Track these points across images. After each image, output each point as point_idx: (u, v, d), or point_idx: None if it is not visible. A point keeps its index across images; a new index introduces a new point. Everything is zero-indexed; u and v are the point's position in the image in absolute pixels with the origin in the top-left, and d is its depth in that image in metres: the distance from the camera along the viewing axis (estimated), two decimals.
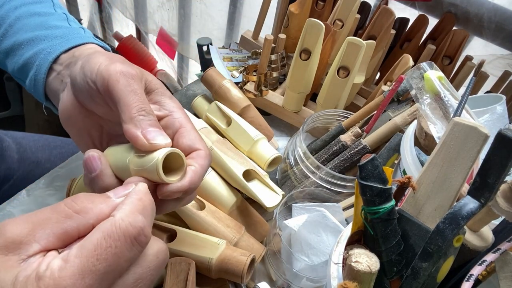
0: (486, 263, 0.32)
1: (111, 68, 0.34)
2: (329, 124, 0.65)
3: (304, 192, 0.56)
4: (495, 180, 0.29)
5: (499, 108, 0.49)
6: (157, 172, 0.31)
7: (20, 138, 0.74)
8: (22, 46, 0.43)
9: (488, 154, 0.29)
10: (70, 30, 0.45)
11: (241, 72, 0.73)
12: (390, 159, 0.53)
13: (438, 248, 0.30)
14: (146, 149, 0.32)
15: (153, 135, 0.32)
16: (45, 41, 0.43)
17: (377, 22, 0.70)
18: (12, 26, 0.44)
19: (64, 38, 0.43)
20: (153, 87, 0.37)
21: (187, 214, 0.48)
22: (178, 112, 0.37)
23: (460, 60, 0.72)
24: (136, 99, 0.33)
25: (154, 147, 0.32)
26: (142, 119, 0.33)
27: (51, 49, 0.42)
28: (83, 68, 0.36)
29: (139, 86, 0.34)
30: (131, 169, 0.33)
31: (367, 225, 0.33)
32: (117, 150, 0.36)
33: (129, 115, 0.32)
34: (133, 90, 0.33)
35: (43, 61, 0.41)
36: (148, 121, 0.33)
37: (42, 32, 0.43)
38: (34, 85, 0.43)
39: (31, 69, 0.42)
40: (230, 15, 1.17)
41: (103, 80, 0.34)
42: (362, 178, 0.31)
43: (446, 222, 0.30)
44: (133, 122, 0.32)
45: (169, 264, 0.43)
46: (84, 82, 0.36)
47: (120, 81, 0.33)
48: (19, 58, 0.43)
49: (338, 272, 0.37)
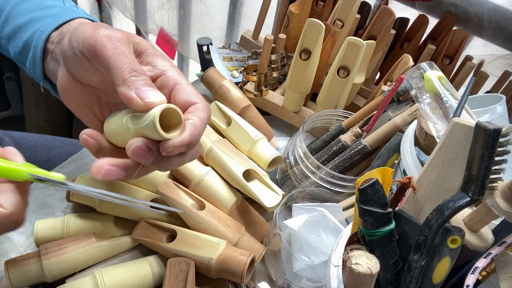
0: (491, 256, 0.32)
1: (96, 34, 0.34)
2: (329, 124, 0.64)
3: (304, 192, 0.56)
4: (478, 172, 0.29)
5: (499, 108, 0.49)
6: (155, 129, 0.31)
7: (19, 138, 0.74)
8: (21, 29, 0.44)
9: (470, 147, 0.30)
10: (63, 8, 0.45)
11: (241, 72, 0.73)
12: (390, 159, 0.53)
13: (425, 238, 0.30)
14: (142, 108, 0.32)
15: (147, 94, 0.33)
16: (39, 21, 0.43)
17: (377, 22, 0.69)
18: (12, 11, 0.45)
19: (56, 16, 0.43)
20: (142, 48, 0.37)
21: (187, 214, 0.48)
22: (171, 70, 0.37)
23: (460, 60, 0.72)
24: (125, 61, 0.33)
25: (149, 105, 0.32)
26: (135, 80, 0.33)
27: (43, 28, 0.42)
28: (70, 40, 0.36)
29: (127, 48, 0.34)
30: (131, 131, 0.33)
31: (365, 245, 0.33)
32: (116, 116, 0.36)
33: (121, 78, 0.33)
34: (122, 52, 0.34)
35: (37, 41, 0.42)
36: (141, 81, 0.33)
37: (37, 13, 0.44)
38: (33, 66, 0.43)
39: (29, 50, 0.43)
40: (230, 15, 1.17)
41: (90, 47, 0.34)
42: (361, 202, 0.31)
43: (433, 213, 0.30)
44: (126, 83, 0.33)
45: (169, 264, 0.43)
46: (73, 54, 0.36)
47: (107, 45, 0.33)
48: (19, 41, 0.44)
49: (338, 273, 0.37)
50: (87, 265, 0.46)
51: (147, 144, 0.33)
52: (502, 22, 0.71)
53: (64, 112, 1.33)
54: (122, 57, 0.33)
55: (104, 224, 0.49)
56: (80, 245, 0.46)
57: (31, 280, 0.44)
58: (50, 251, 0.44)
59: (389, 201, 0.33)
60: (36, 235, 0.48)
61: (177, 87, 0.36)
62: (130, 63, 0.33)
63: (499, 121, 0.49)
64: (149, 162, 0.33)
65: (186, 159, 0.36)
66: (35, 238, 0.48)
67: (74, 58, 0.36)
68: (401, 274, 0.34)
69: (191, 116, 0.34)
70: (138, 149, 0.32)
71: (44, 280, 0.45)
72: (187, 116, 0.34)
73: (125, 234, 0.50)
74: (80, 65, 0.36)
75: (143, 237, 0.47)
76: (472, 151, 0.30)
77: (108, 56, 0.33)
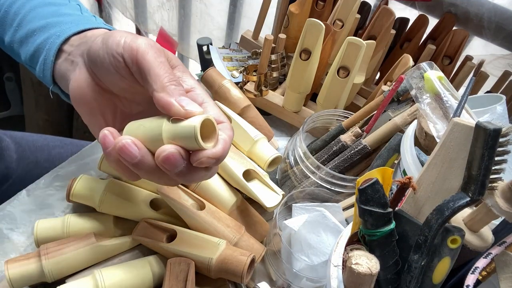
0: (491, 256, 0.32)
1: (139, 41, 0.35)
2: (329, 124, 0.65)
3: (304, 192, 0.56)
4: (478, 172, 0.29)
5: (499, 108, 0.49)
6: (195, 138, 0.31)
7: (19, 138, 0.74)
8: (34, 33, 0.44)
9: (470, 147, 0.30)
10: (81, 17, 0.45)
11: (241, 72, 0.73)
12: (390, 159, 0.53)
13: (425, 238, 0.31)
14: (182, 115, 0.33)
15: (186, 102, 0.33)
16: (56, 26, 0.43)
17: (377, 22, 0.69)
18: (27, 15, 0.44)
19: (74, 23, 0.43)
20: (174, 63, 0.38)
21: (187, 214, 0.48)
22: (199, 88, 0.38)
23: (460, 60, 0.72)
24: (166, 69, 0.34)
25: (189, 113, 0.33)
26: (175, 88, 0.34)
27: (60, 32, 0.42)
28: (105, 43, 0.36)
29: (165, 60, 0.36)
30: (164, 138, 0.33)
31: (365, 245, 0.33)
32: (142, 123, 0.36)
33: (161, 84, 0.33)
34: (162, 62, 0.35)
35: (52, 44, 0.42)
36: (180, 91, 0.34)
37: (54, 19, 0.44)
38: (43, 69, 0.43)
39: (41, 54, 0.43)
40: (230, 15, 1.17)
41: (131, 52, 0.35)
42: (361, 202, 0.31)
43: (433, 213, 0.30)
44: (165, 90, 0.33)
45: (169, 264, 0.43)
46: (108, 55, 0.36)
47: (149, 53, 0.34)
48: (32, 45, 0.44)
49: (338, 273, 0.37)
50: (87, 265, 0.46)
51: (181, 152, 0.32)
52: (502, 22, 0.71)
53: (64, 112, 1.33)
54: (162, 66, 0.34)
55: (104, 224, 0.49)
56: (80, 245, 0.46)
57: (31, 280, 0.44)
58: (50, 251, 0.44)
59: (389, 201, 0.33)
60: (36, 235, 0.48)
61: (205, 105, 0.37)
62: (170, 73, 0.35)
63: (499, 121, 0.49)
64: (177, 171, 0.33)
65: (209, 174, 0.36)
66: (35, 238, 0.48)
67: (108, 60, 0.36)
68: (401, 274, 0.34)
69: (221, 133, 0.35)
70: (171, 156, 0.32)
71: (44, 280, 0.45)
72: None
73: (125, 234, 0.50)
74: (113, 68, 0.36)
75: (143, 237, 0.47)
76: (472, 151, 0.30)
77: (150, 63, 0.34)
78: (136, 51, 0.35)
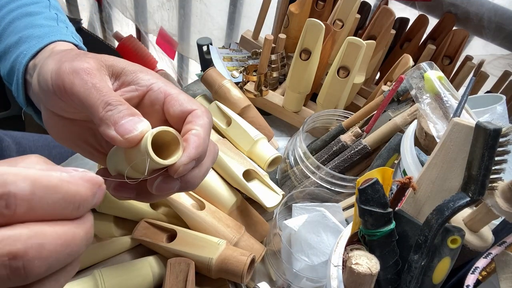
0: (491, 256, 0.32)
1: (61, 71, 0.31)
2: (329, 124, 0.65)
3: (304, 192, 0.56)
4: (478, 172, 0.29)
5: (499, 108, 0.49)
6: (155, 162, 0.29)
7: (20, 138, 0.74)
8: (10, 49, 0.41)
9: (470, 147, 0.30)
10: (52, 29, 0.43)
11: (241, 72, 0.73)
12: (390, 159, 0.53)
13: (425, 238, 0.31)
14: (126, 146, 0.30)
15: (126, 127, 0.29)
16: (25, 42, 0.41)
17: (377, 22, 0.69)
18: (6, 29, 0.43)
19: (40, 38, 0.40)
20: (117, 69, 0.34)
21: (187, 214, 0.48)
22: (157, 82, 0.34)
23: (460, 60, 0.72)
24: (97, 95, 0.30)
25: (132, 140, 0.29)
26: (111, 114, 0.30)
27: (26, 51, 0.40)
28: (39, 81, 0.34)
29: (98, 79, 0.31)
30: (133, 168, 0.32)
31: (365, 245, 0.33)
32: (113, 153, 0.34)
33: (98, 116, 0.30)
34: (92, 86, 0.31)
35: (20, 65, 0.39)
36: (118, 114, 0.30)
37: (27, 31, 0.41)
38: (16, 89, 0.41)
39: (14, 73, 0.41)
40: (230, 15, 1.17)
41: (59, 88, 0.31)
42: (361, 202, 0.31)
43: (433, 213, 0.30)
44: (104, 122, 0.30)
45: (169, 264, 0.43)
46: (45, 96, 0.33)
47: (75, 83, 0.31)
48: (8, 62, 0.41)
49: (338, 273, 0.37)
50: (87, 265, 0.46)
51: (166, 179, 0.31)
52: (502, 22, 0.71)
53: None
54: (93, 92, 0.30)
55: (104, 224, 0.49)
56: None
57: None
58: None
59: (389, 201, 0.33)
60: None
61: (168, 99, 0.33)
62: (102, 95, 0.30)
63: (499, 121, 0.49)
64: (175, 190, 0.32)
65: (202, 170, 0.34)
66: None
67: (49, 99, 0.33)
68: (401, 274, 0.34)
69: (191, 126, 0.32)
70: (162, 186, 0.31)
71: None
72: (187, 126, 0.32)
73: (125, 234, 0.50)
74: (57, 105, 0.34)
75: (143, 237, 0.47)
76: (472, 151, 0.30)
77: (79, 94, 0.30)
78: (63, 86, 0.31)
